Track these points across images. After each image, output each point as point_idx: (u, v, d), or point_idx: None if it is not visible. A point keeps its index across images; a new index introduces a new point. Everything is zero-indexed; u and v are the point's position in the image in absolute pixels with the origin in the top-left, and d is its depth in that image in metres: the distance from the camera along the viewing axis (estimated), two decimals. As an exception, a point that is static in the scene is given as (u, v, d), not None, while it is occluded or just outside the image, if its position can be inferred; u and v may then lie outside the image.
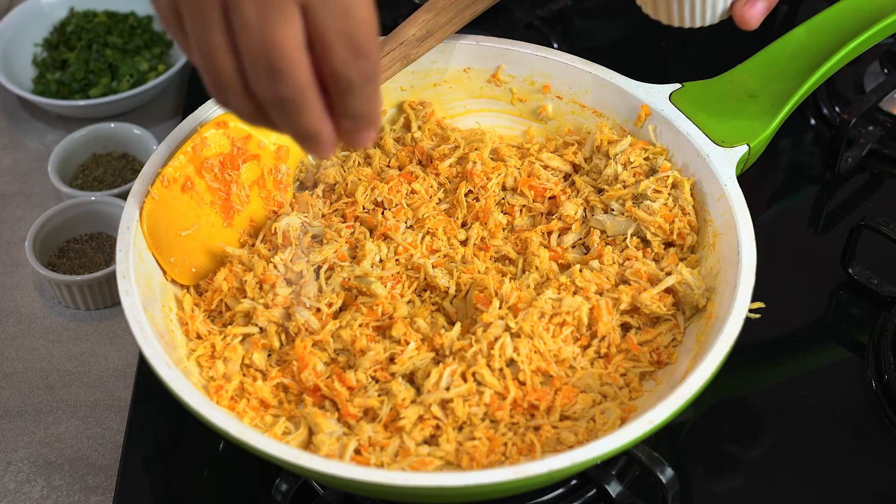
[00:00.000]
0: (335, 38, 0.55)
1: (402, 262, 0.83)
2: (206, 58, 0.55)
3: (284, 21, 0.53)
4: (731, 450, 0.85)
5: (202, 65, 0.56)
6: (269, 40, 0.53)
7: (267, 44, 0.53)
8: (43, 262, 0.98)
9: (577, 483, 0.81)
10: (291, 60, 0.54)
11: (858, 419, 0.86)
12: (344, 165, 0.90)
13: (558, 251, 0.85)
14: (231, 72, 0.55)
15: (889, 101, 1.08)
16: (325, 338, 0.78)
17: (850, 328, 0.93)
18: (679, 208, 0.84)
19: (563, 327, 0.78)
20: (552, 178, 0.88)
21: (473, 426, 0.74)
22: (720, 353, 0.71)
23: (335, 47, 0.55)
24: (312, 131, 0.58)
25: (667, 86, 0.89)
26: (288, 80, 0.55)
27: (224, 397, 0.75)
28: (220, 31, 0.53)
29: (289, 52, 0.54)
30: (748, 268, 0.76)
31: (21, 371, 0.95)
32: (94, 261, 1.00)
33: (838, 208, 1.04)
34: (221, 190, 0.83)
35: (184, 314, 0.80)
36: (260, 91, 0.56)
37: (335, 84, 0.57)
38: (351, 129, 0.60)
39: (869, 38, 0.89)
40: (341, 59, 0.56)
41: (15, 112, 1.19)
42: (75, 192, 1.03)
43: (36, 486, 0.87)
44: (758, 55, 0.90)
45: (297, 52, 0.54)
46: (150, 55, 1.19)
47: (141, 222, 0.80)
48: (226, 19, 0.54)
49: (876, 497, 0.82)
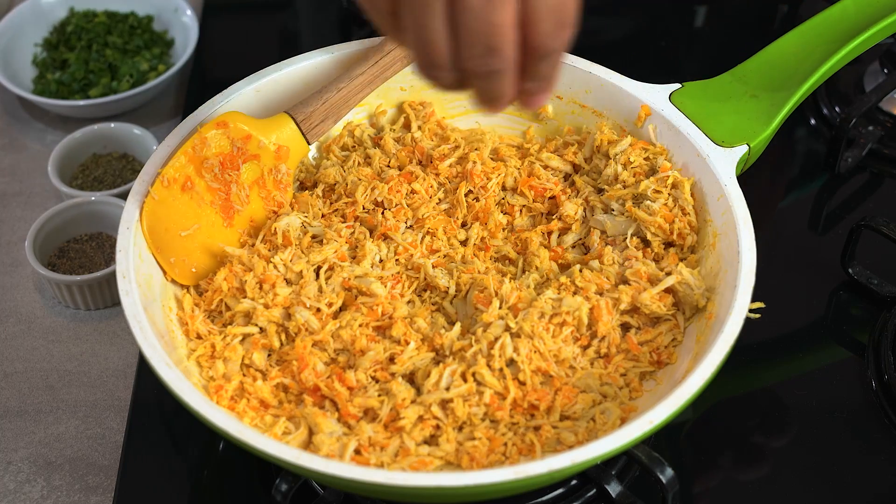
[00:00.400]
0: (545, 13, 0.59)
1: (402, 262, 0.83)
2: (422, 41, 0.59)
3: (504, 2, 0.57)
4: (731, 450, 0.85)
5: (417, 46, 0.60)
6: (489, 21, 0.57)
7: (487, 25, 0.57)
8: (43, 262, 0.98)
9: (577, 483, 0.81)
10: (506, 38, 0.58)
11: (858, 419, 0.86)
12: (344, 165, 0.90)
13: (558, 251, 0.85)
14: (445, 52, 0.59)
15: (889, 101, 1.08)
16: (325, 338, 0.78)
17: (850, 328, 0.93)
18: (679, 208, 0.84)
19: (563, 327, 0.78)
20: (552, 178, 0.88)
21: (473, 426, 0.74)
22: (720, 353, 0.71)
23: (543, 22, 0.59)
24: (502, 94, 0.62)
25: (667, 86, 0.88)
26: (501, 55, 0.59)
27: (224, 397, 0.75)
28: (442, 17, 0.58)
29: (505, 31, 0.58)
30: (748, 268, 0.76)
31: (21, 371, 0.95)
32: (94, 261, 1.00)
33: (838, 208, 1.04)
34: (221, 190, 0.83)
35: (184, 314, 0.80)
36: (472, 66, 0.59)
37: (534, 53, 0.60)
38: (532, 90, 0.63)
39: (869, 38, 0.89)
40: (546, 32, 0.59)
41: (15, 112, 1.19)
42: (75, 192, 1.03)
43: (36, 486, 0.87)
44: (758, 55, 0.90)
45: (511, 30, 0.58)
46: (150, 55, 1.19)
47: (141, 222, 0.80)
48: (448, 4, 0.58)
49: (876, 497, 0.82)
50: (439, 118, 0.94)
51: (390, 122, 0.95)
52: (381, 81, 0.88)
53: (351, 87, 0.86)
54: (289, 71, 0.89)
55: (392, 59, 0.87)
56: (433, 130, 0.93)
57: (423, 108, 0.94)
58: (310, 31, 1.29)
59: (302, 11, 1.31)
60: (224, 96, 0.87)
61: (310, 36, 1.28)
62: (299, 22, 1.30)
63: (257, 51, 1.23)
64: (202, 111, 0.85)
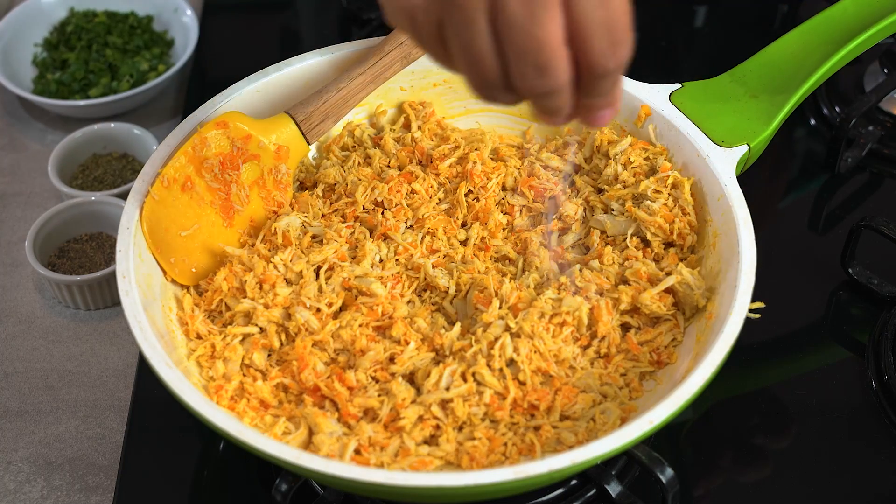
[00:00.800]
0: (595, 29, 0.57)
1: (402, 262, 0.83)
2: (471, 63, 0.58)
3: (549, 17, 0.55)
4: (731, 450, 0.85)
5: (468, 70, 0.59)
6: (534, 37, 0.56)
7: (534, 41, 0.56)
8: (43, 262, 0.98)
9: (577, 483, 0.81)
10: (556, 56, 0.56)
11: (858, 419, 0.86)
12: (344, 165, 0.90)
13: (558, 251, 0.85)
14: (497, 73, 0.58)
15: (889, 101, 1.08)
16: (325, 338, 0.78)
17: (850, 328, 0.93)
18: (679, 208, 0.84)
19: (563, 327, 0.78)
20: (552, 178, 0.88)
21: (473, 426, 0.74)
22: (720, 353, 0.71)
23: (595, 39, 0.57)
24: (559, 110, 0.61)
25: (667, 86, 0.88)
26: (553, 75, 0.57)
27: (224, 397, 0.75)
28: (486, 36, 0.56)
29: (553, 49, 0.56)
30: (748, 268, 0.76)
31: (21, 371, 0.95)
32: (94, 261, 1.00)
33: (838, 208, 1.04)
34: (221, 190, 0.83)
35: (184, 314, 0.80)
36: (525, 86, 0.58)
37: (590, 72, 0.59)
38: (592, 106, 0.62)
39: (869, 38, 0.89)
40: (600, 51, 0.57)
41: (15, 112, 1.19)
42: (75, 191, 1.03)
43: (36, 486, 0.87)
44: (758, 55, 0.90)
45: (560, 48, 0.57)
46: (150, 55, 1.19)
47: (141, 222, 0.80)
48: (491, 22, 0.56)
49: (876, 497, 0.82)
50: (439, 118, 0.94)
51: (390, 122, 0.95)
52: (381, 81, 0.88)
53: (351, 87, 0.86)
54: (289, 71, 0.89)
55: (392, 59, 0.87)
56: (433, 130, 0.93)
57: (423, 108, 0.94)
58: (310, 31, 1.29)
59: (302, 11, 1.31)
60: (224, 96, 0.87)
61: (310, 36, 1.28)
62: (299, 22, 1.30)
63: (257, 51, 1.23)
64: (202, 111, 0.85)
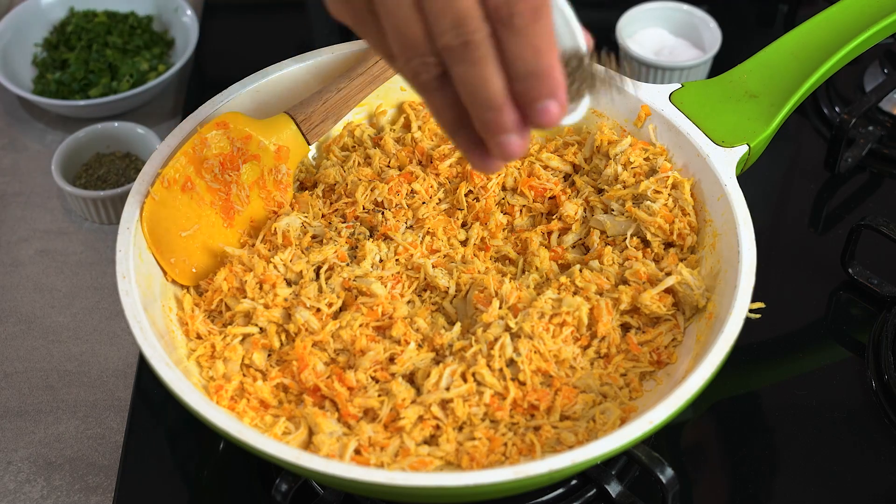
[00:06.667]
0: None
1: (402, 262, 0.83)
2: (399, 31, 0.61)
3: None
4: (730, 450, 0.85)
5: (395, 38, 0.61)
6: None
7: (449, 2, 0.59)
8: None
9: (577, 483, 0.81)
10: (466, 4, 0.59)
11: (858, 419, 0.86)
12: (344, 165, 0.90)
13: (558, 251, 0.85)
14: (421, 37, 0.61)
15: (889, 101, 1.08)
16: (325, 338, 0.78)
17: (850, 328, 0.93)
18: (679, 209, 0.84)
19: (563, 327, 0.78)
20: (552, 178, 0.88)
21: (473, 426, 0.75)
22: (720, 353, 0.71)
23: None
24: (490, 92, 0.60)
25: (667, 86, 0.88)
26: (469, 24, 0.59)
27: (224, 397, 0.75)
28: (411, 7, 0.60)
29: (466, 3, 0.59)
30: (748, 268, 0.76)
31: (21, 371, 0.95)
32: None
33: (838, 208, 1.04)
34: (221, 190, 0.83)
35: (184, 314, 0.80)
36: (444, 42, 0.60)
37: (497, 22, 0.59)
38: (524, 92, 0.61)
39: (869, 38, 0.89)
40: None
41: (15, 112, 1.19)
42: (79, 191, 1.03)
43: (36, 486, 0.87)
44: (758, 55, 0.90)
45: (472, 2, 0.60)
46: (150, 55, 1.19)
47: (141, 222, 0.80)
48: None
49: (876, 497, 0.82)
50: (439, 118, 0.94)
51: (390, 122, 0.95)
52: (381, 81, 0.88)
53: (351, 87, 0.86)
54: (289, 71, 0.89)
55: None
56: (433, 130, 0.93)
57: (423, 108, 0.94)
58: (311, 31, 1.29)
59: (302, 11, 1.31)
60: (224, 96, 0.87)
61: (311, 36, 1.28)
62: (300, 22, 1.30)
63: (257, 51, 1.23)
64: (202, 111, 0.85)
